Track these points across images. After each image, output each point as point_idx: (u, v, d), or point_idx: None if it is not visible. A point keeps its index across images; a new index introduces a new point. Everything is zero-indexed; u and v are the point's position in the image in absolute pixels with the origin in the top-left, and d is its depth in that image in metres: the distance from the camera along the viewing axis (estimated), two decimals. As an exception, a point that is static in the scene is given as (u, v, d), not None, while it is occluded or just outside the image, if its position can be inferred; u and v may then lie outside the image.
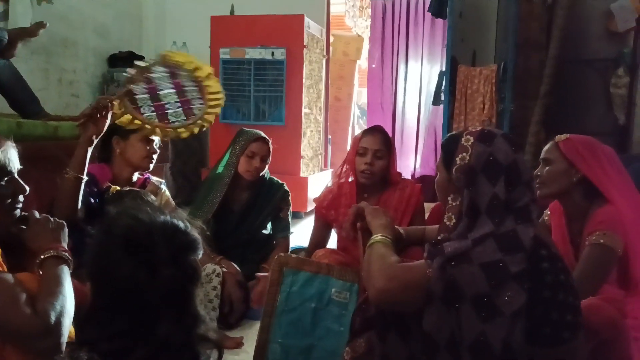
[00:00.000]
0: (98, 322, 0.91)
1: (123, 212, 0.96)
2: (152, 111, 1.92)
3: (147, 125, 1.90)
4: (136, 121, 1.88)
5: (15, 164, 1.34)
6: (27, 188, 1.36)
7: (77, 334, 0.95)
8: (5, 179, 1.31)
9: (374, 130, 2.19)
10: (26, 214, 1.38)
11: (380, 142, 2.13)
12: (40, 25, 2.76)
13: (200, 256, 0.97)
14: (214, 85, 2.10)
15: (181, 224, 0.96)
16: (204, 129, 2.05)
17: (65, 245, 1.33)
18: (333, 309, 1.68)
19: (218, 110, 2.08)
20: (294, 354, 1.66)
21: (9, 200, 1.33)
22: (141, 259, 0.88)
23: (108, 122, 1.83)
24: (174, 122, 1.94)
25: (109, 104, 1.81)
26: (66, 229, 1.38)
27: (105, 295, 0.92)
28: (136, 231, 0.91)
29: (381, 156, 2.13)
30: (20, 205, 1.38)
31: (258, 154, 2.45)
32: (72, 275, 1.29)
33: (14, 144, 1.36)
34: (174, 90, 1.98)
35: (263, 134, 2.53)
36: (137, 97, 1.91)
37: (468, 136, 1.21)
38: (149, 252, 0.89)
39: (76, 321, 1.06)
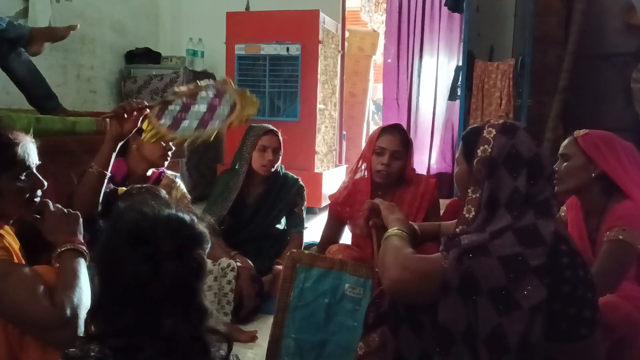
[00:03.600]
0: (105, 317, 0.92)
1: (129, 207, 0.96)
2: (170, 119, 1.84)
3: (153, 130, 1.81)
4: (149, 126, 1.81)
5: (34, 159, 1.37)
6: (46, 183, 1.39)
7: (86, 327, 0.96)
8: (24, 173, 1.34)
9: (393, 130, 2.14)
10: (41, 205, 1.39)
11: (399, 142, 2.09)
12: (70, 27, 2.78)
13: (207, 250, 0.97)
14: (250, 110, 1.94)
15: (187, 218, 0.96)
16: (199, 140, 1.86)
17: (81, 237, 1.35)
18: (347, 304, 1.68)
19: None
20: (308, 348, 1.66)
21: (28, 195, 1.36)
22: (144, 253, 0.88)
23: (137, 126, 1.79)
24: (180, 132, 1.83)
25: (140, 108, 1.77)
26: (81, 221, 1.40)
27: (111, 290, 0.92)
28: (140, 225, 0.91)
29: (399, 157, 2.09)
30: (38, 199, 1.40)
31: (269, 146, 2.46)
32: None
33: (33, 140, 1.39)
34: (205, 109, 1.87)
35: (271, 127, 2.54)
36: (170, 107, 1.84)
37: (490, 128, 1.21)
38: (152, 246, 0.89)
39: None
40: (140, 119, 1.79)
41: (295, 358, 1.65)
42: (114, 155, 1.78)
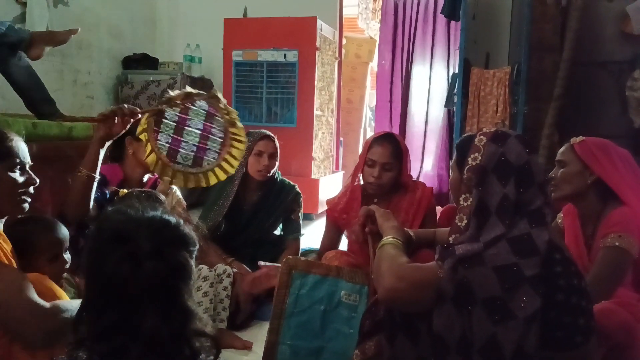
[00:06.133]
0: (90, 318, 0.92)
1: (116, 210, 0.97)
2: (167, 142, 1.87)
3: (153, 154, 1.85)
4: (149, 145, 1.85)
5: (27, 158, 1.39)
6: (38, 180, 1.39)
7: (73, 332, 0.96)
8: (19, 167, 1.35)
9: (384, 141, 2.10)
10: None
11: (389, 154, 2.07)
12: (71, 31, 2.79)
13: (195, 253, 0.97)
14: (240, 144, 1.99)
15: (172, 219, 0.96)
16: (201, 186, 1.93)
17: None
18: (342, 311, 1.68)
19: (223, 174, 1.95)
20: (303, 355, 1.66)
21: (21, 190, 1.37)
22: (125, 251, 0.89)
23: (125, 129, 1.81)
24: (179, 163, 1.87)
25: (132, 113, 1.79)
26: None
27: (94, 290, 0.93)
28: (122, 224, 0.92)
29: (390, 169, 2.08)
30: (29, 197, 1.41)
31: (265, 151, 2.46)
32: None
33: (24, 142, 1.41)
34: (199, 132, 1.92)
35: (268, 132, 2.55)
36: (165, 120, 1.88)
37: (481, 137, 1.22)
38: (133, 244, 0.89)
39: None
40: (130, 122, 1.81)
41: (291, 365, 1.65)
42: (101, 157, 1.78)
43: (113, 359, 0.88)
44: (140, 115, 1.83)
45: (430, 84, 5.25)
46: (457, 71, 4.17)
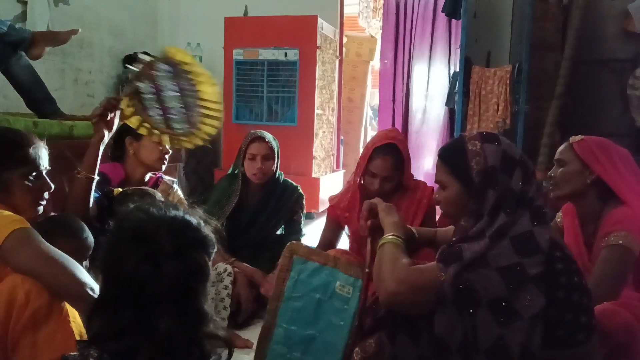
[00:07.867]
0: (104, 316, 0.92)
1: (137, 207, 0.97)
2: (159, 115, 1.85)
3: (155, 131, 1.84)
4: (145, 124, 1.83)
5: (44, 163, 1.41)
6: (53, 186, 1.41)
7: (87, 329, 0.96)
8: (34, 174, 1.37)
9: (385, 153, 2.04)
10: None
11: (390, 167, 2.04)
12: (72, 31, 2.80)
13: (213, 255, 0.96)
14: (211, 92, 1.94)
15: (193, 220, 0.95)
16: (205, 139, 1.90)
17: None
18: (336, 302, 1.66)
19: (216, 123, 1.90)
20: (296, 341, 1.64)
21: (35, 195, 1.39)
22: (146, 251, 0.88)
23: (117, 121, 1.83)
24: (178, 129, 1.86)
25: (117, 103, 1.80)
26: None
27: (111, 288, 0.92)
28: (144, 224, 0.92)
29: (391, 179, 2.06)
30: (44, 202, 1.43)
31: (257, 154, 2.42)
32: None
33: (46, 146, 1.44)
34: (177, 94, 1.88)
35: (261, 134, 2.49)
36: (144, 96, 1.85)
37: (473, 141, 1.23)
38: (154, 245, 0.89)
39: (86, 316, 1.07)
40: (118, 113, 1.81)
41: (283, 349, 1.64)
42: (99, 158, 1.79)
43: (123, 359, 0.88)
44: (124, 99, 1.82)
45: (431, 82, 5.25)
46: (458, 69, 4.17)
